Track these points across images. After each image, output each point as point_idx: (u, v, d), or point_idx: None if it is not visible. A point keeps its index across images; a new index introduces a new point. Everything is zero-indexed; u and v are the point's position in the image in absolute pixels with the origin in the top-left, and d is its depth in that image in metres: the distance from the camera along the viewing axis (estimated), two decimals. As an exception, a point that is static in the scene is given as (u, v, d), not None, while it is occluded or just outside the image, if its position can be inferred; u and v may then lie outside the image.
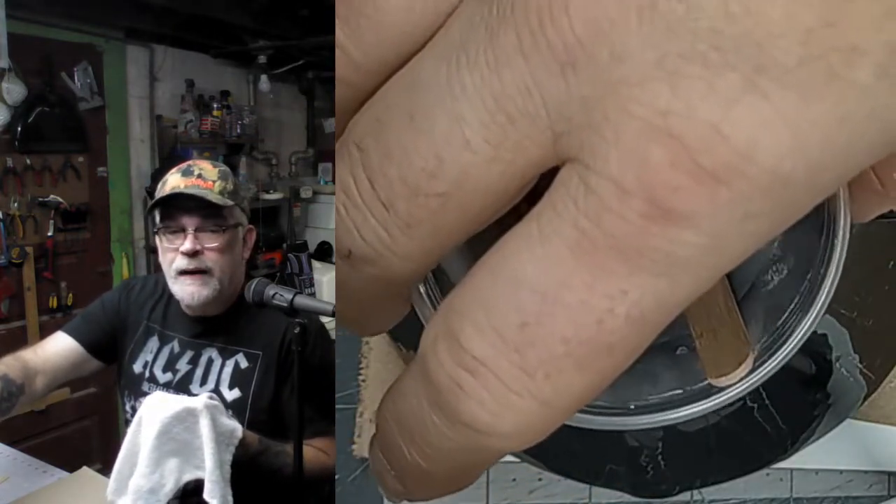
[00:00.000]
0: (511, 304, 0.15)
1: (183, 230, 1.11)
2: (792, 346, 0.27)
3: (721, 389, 0.27)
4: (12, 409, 1.10)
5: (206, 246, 1.12)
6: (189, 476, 0.95)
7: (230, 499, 0.95)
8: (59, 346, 1.20)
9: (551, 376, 0.15)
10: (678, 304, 0.15)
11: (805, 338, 0.27)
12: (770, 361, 0.27)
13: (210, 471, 0.93)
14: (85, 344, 1.21)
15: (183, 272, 1.12)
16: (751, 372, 0.27)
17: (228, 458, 0.96)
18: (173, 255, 1.12)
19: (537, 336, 0.15)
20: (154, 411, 0.94)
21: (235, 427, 0.98)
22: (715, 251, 0.14)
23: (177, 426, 0.93)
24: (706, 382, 0.26)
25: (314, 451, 1.09)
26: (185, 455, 0.94)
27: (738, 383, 0.26)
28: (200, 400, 0.95)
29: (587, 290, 0.14)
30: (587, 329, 0.14)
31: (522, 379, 0.15)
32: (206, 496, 0.93)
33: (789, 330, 0.27)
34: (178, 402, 0.95)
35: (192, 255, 1.11)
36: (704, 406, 0.28)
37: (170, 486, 0.94)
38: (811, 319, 0.27)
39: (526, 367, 0.15)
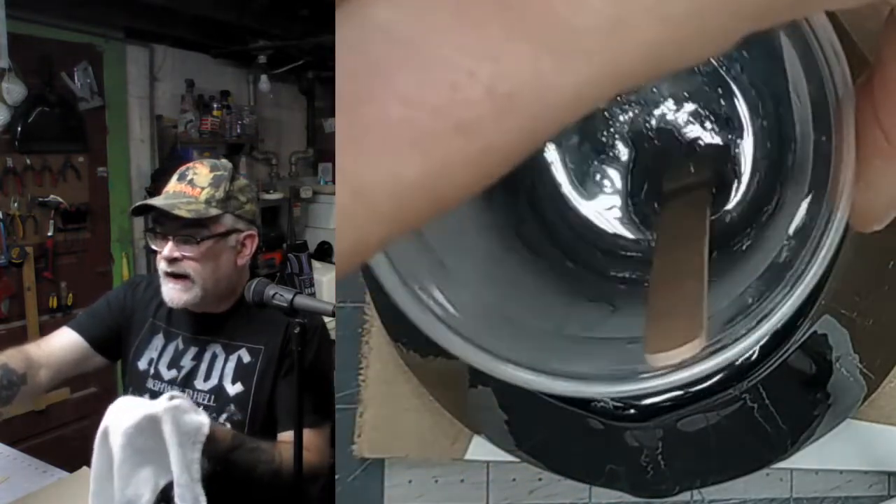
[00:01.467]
0: (363, 50, 0.12)
1: (166, 236, 1.13)
2: (768, 327, 0.27)
3: (653, 375, 0.26)
4: (14, 399, 1.10)
5: (184, 254, 1.13)
6: (165, 480, 0.93)
7: (202, 499, 0.94)
8: (63, 341, 1.20)
9: (380, 145, 0.12)
10: (559, 97, 0.12)
11: (784, 320, 0.26)
12: (741, 341, 0.26)
13: (178, 476, 0.91)
14: (89, 340, 1.21)
15: (166, 275, 1.14)
16: (705, 358, 0.26)
17: (196, 456, 0.94)
18: (160, 257, 1.14)
19: (376, 91, 0.12)
20: (116, 423, 0.91)
21: (202, 423, 0.96)
22: (617, 33, 0.11)
23: (139, 437, 0.91)
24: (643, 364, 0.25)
25: (292, 448, 1.10)
26: (157, 461, 0.92)
27: (674, 368, 0.25)
28: (160, 404, 0.93)
29: (452, 44, 0.11)
30: (437, 91, 0.11)
31: (345, 145, 0.12)
32: (177, 500, 0.91)
33: (768, 311, 0.27)
34: (138, 410, 0.92)
35: (172, 260, 1.12)
36: (630, 388, 0.27)
37: (148, 496, 0.92)
38: (792, 301, 0.26)
39: (354, 128, 0.12)
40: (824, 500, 0.54)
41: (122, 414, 0.92)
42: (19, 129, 2.32)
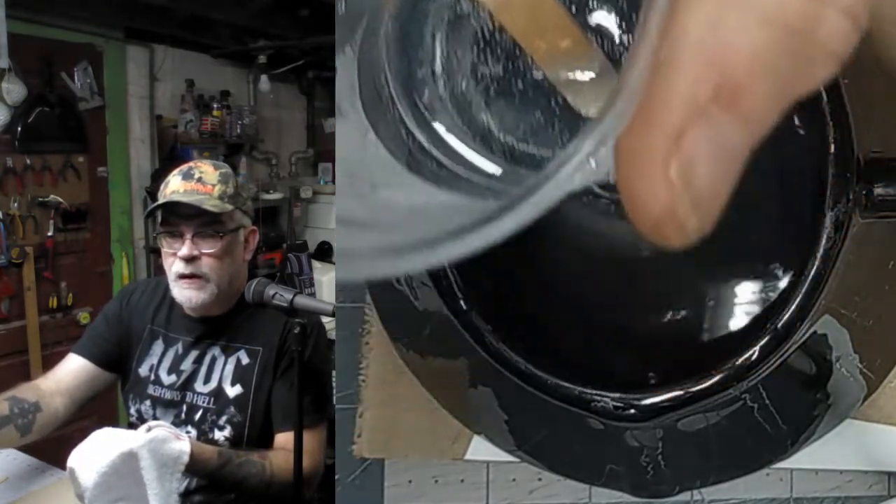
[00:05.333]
0: None
1: (181, 235, 1.12)
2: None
3: None
4: (33, 426, 1.11)
5: (203, 252, 1.13)
6: None
7: None
8: (70, 367, 1.21)
9: None
10: None
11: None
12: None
13: None
14: (94, 359, 1.22)
15: (181, 276, 1.13)
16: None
17: (176, 485, 0.93)
18: (173, 258, 1.14)
19: None
20: (88, 462, 0.88)
21: (181, 451, 0.96)
22: None
23: (113, 475, 0.88)
24: None
25: (284, 455, 1.10)
26: (132, 495, 0.90)
27: None
28: (138, 438, 0.91)
29: None
30: None
31: None
32: None
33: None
34: (113, 448, 0.89)
35: (190, 260, 1.12)
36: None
37: None
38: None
39: None
40: (824, 500, 0.54)
41: (96, 451, 0.89)
42: (19, 129, 2.32)
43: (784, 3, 0.13)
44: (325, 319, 1.20)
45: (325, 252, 3.40)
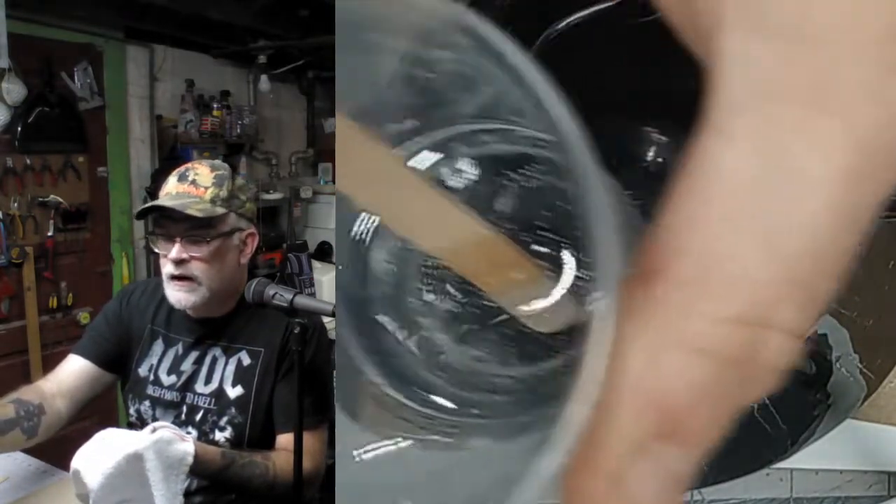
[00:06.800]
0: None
1: (173, 237, 1.12)
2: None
3: None
4: (38, 429, 1.11)
5: (192, 255, 1.13)
6: None
7: None
8: (71, 368, 1.21)
9: None
10: None
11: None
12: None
13: None
14: (95, 360, 1.21)
15: (172, 277, 1.13)
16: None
17: (181, 486, 0.94)
18: (165, 260, 1.14)
19: None
20: (94, 464, 0.88)
21: (186, 452, 0.96)
22: None
23: (119, 477, 0.88)
24: None
25: (287, 456, 1.10)
26: (137, 496, 0.90)
27: None
28: (144, 439, 0.91)
29: None
30: None
31: None
32: None
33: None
34: (119, 450, 0.89)
35: (180, 262, 1.12)
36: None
37: None
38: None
39: None
40: (824, 500, 0.54)
41: (101, 453, 0.89)
42: (19, 129, 2.32)
43: (723, 334, 0.13)
44: (325, 319, 1.20)
45: (325, 252, 3.40)
